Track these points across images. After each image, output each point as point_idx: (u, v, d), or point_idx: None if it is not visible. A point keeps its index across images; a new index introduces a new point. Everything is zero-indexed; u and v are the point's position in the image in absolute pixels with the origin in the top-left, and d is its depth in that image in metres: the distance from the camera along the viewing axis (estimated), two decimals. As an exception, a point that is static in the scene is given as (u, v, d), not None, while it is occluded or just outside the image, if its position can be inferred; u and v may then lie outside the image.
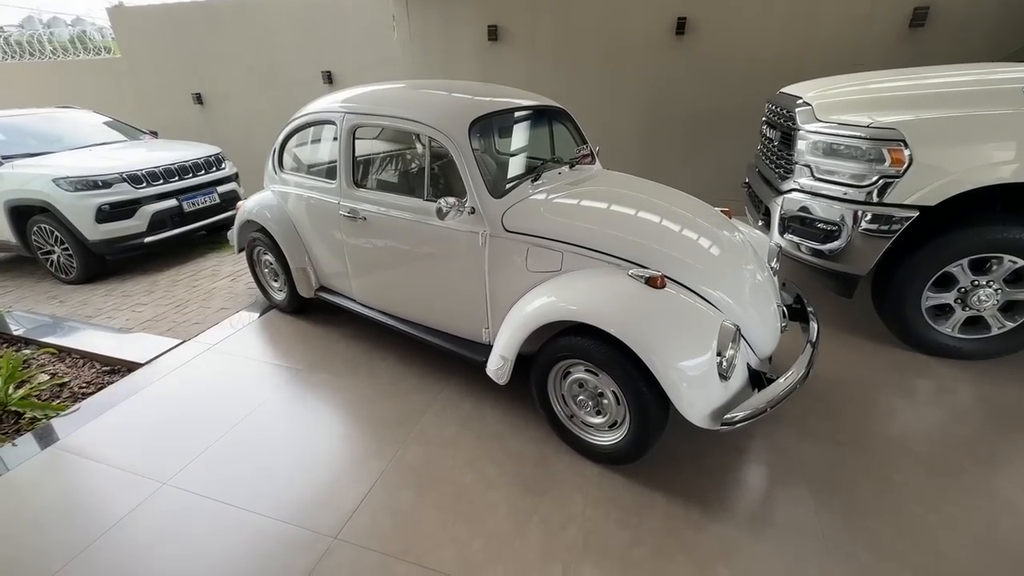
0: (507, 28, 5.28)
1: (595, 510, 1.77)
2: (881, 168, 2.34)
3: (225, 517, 1.81)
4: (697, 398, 1.63)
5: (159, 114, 7.36)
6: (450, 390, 2.47)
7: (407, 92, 2.64)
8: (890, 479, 1.85)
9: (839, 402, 2.28)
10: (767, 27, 4.47)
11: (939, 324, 2.54)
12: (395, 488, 1.90)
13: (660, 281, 1.74)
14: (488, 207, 2.08)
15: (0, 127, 4.72)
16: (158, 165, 4.57)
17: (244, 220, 3.17)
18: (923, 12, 4.05)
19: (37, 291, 4.39)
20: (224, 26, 6.62)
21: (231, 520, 1.80)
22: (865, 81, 2.89)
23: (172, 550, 1.70)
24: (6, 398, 2.45)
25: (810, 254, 2.68)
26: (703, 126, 5.00)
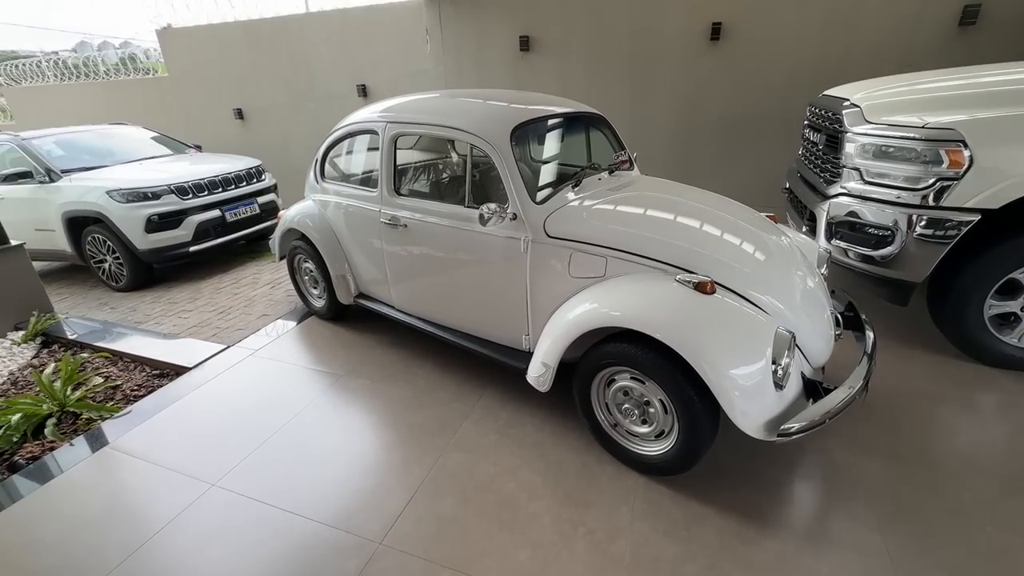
0: (539, 38, 5.32)
1: (643, 523, 1.72)
2: (938, 170, 2.23)
3: (272, 519, 1.83)
4: (751, 407, 1.57)
5: (203, 129, 7.68)
6: (488, 398, 2.46)
7: (446, 101, 2.67)
8: (960, 497, 1.74)
9: (897, 416, 2.17)
10: (805, 31, 4.37)
11: (1004, 334, 2.40)
12: (437, 495, 1.89)
13: (710, 286, 1.70)
14: (530, 213, 2.07)
15: (59, 143, 5.00)
16: (203, 177, 4.75)
17: (286, 228, 3.25)
18: (974, 10, 3.89)
19: (89, 298, 4.59)
20: (264, 44, 6.88)
21: (278, 522, 1.82)
22: (915, 81, 2.79)
23: (222, 551, 1.72)
24: (65, 399, 2.55)
25: (860, 260, 2.57)
26: (739, 131, 4.91)
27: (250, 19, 6.86)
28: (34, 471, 2.18)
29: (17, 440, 2.36)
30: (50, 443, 2.35)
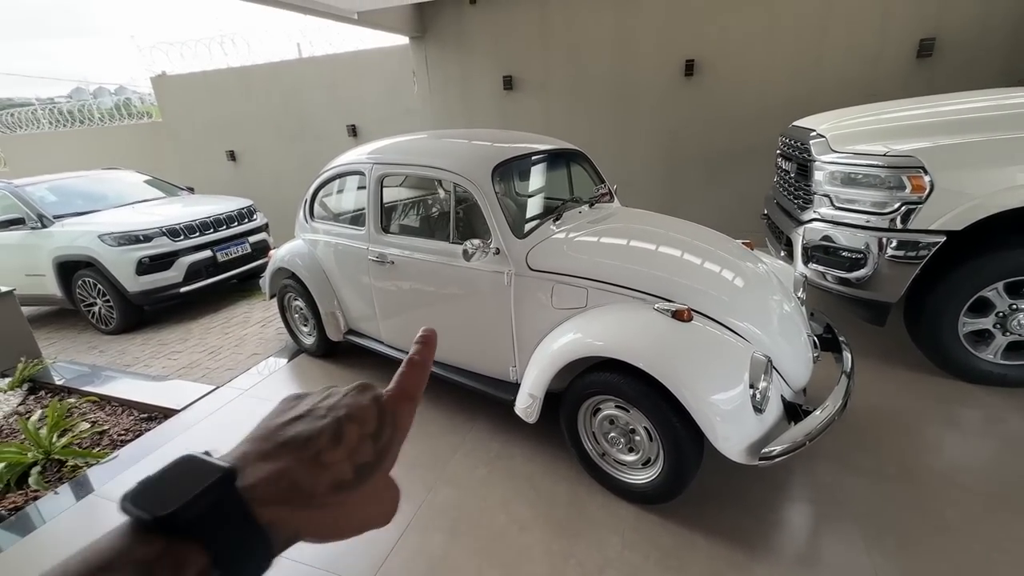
0: (521, 77, 5.54)
1: (633, 552, 1.72)
2: (902, 195, 2.34)
3: (259, 564, 1.80)
4: (732, 432, 1.60)
5: (195, 171, 7.81)
6: (478, 430, 2.47)
7: (431, 142, 2.78)
8: (944, 515, 1.76)
9: (881, 435, 2.20)
10: (774, 65, 4.60)
11: (980, 350, 2.46)
12: (427, 531, 1.88)
13: (687, 314, 1.75)
14: (512, 247, 2.14)
15: (52, 189, 5.07)
16: (194, 219, 4.82)
17: (276, 267, 3.30)
18: (930, 43, 4.13)
19: (78, 342, 4.57)
20: (256, 88, 7.09)
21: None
22: (878, 111, 2.93)
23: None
24: (50, 447, 2.52)
25: (837, 283, 2.65)
26: (718, 161, 5.08)
27: (243, 66, 7.09)
28: (16, 522, 2.14)
29: (0, 490, 2.32)
30: (34, 492, 2.31)
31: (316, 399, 0.37)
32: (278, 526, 0.30)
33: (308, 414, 0.35)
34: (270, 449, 0.32)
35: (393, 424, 0.37)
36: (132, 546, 0.26)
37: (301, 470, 0.32)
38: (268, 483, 0.30)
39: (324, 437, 0.33)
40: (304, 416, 0.35)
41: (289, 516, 0.31)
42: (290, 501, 0.31)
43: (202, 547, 0.27)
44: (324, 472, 0.32)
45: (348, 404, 0.36)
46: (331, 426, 0.34)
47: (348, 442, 0.34)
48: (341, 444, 0.33)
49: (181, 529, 0.27)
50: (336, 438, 0.34)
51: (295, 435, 0.33)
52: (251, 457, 0.32)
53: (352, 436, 0.34)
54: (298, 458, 0.32)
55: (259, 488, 0.30)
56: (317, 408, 0.35)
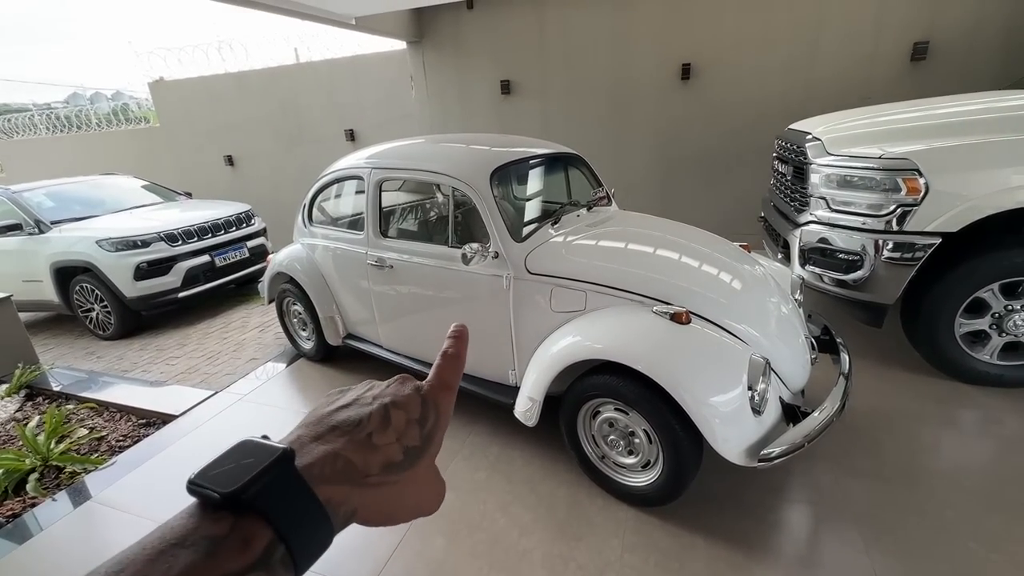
0: (519, 82, 5.57)
1: (633, 555, 1.72)
2: (898, 197, 2.36)
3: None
4: (731, 434, 1.61)
5: (194, 176, 7.81)
6: (477, 434, 2.47)
7: (429, 146, 2.79)
8: (943, 515, 1.77)
9: (880, 436, 2.21)
10: (770, 69, 4.63)
11: (976, 351, 2.47)
12: (428, 535, 1.88)
13: (685, 317, 1.76)
14: (511, 251, 2.15)
15: (50, 195, 5.06)
16: (192, 224, 4.82)
17: (275, 272, 3.30)
18: (923, 47, 4.17)
19: (76, 348, 4.56)
20: (254, 93, 7.10)
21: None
22: (873, 114, 2.96)
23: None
24: (48, 453, 2.51)
25: (834, 284, 2.67)
26: (715, 164, 5.10)
27: (240, 71, 7.10)
28: (13, 530, 2.13)
29: (-3, 497, 2.31)
30: (32, 499, 2.30)
31: (360, 390, 0.39)
32: (336, 503, 0.32)
33: (355, 402, 0.37)
34: (323, 432, 0.34)
35: (436, 411, 0.39)
36: (202, 523, 0.28)
37: (354, 450, 0.34)
38: (324, 462, 0.32)
39: (374, 421, 0.35)
40: (351, 404, 0.37)
41: (347, 494, 0.32)
42: (346, 479, 0.33)
43: (267, 523, 0.28)
44: (376, 452, 0.34)
45: (392, 392, 0.38)
46: (379, 411, 0.36)
47: (396, 426, 0.36)
48: (390, 427, 0.36)
49: (246, 506, 0.28)
50: (385, 422, 0.36)
51: (346, 419, 0.35)
52: (306, 439, 0.34)
53: (400, 420, 0.36)
54: (351, 439, 0.34)
55: (316, 467, 0.32)
56: (363, 397, 0.38)
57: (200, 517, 0.28)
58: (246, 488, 0.28)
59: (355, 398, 0.38)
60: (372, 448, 0.34)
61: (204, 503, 0.29)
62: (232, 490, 0.28)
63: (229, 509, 0.28)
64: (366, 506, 0.34)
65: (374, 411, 0.36)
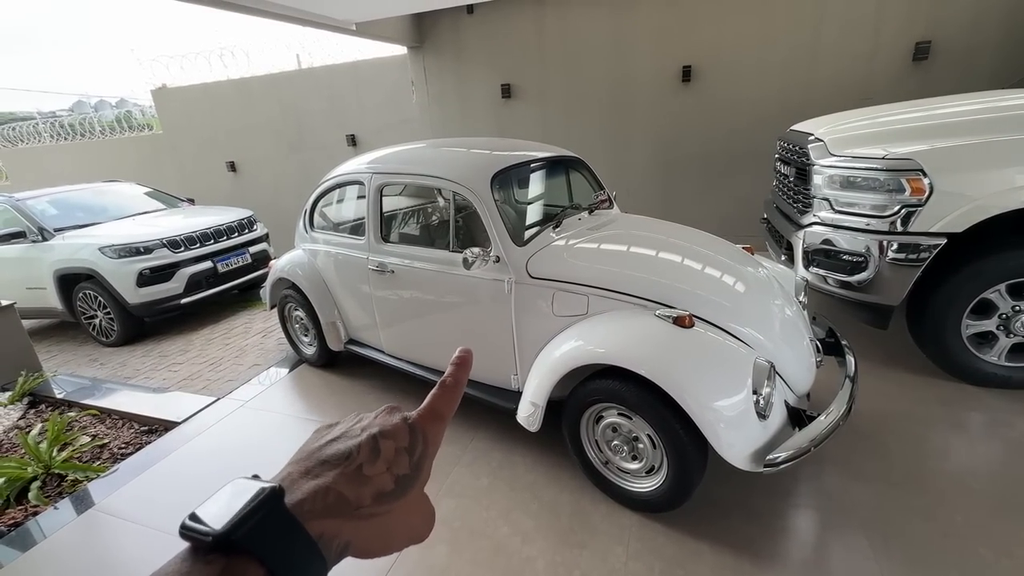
0: (519, 86, 5.57)
1: (638, 563, 1.70)
2: (902, 198, 2.34)
3: (260, 578, 1.79)
4: (736, 439, 1.59)
5: (196, 182, 7.84)
6: (480, 439, 2.45)
7: (430, 151, 2.78)
8: (952, 520, 1.74)
9: (887, 439, 2.18)
10: (771, 69, 4.62)
11: (984, 352, 2.45)
12: (429, 543, 1.86)
13: (688, 320, 1.74)
14: (512, 255, 2.14)
15: (53, 202, 5.09)
16: (194, 230, 4.83)
17: (276, 278, 3.29)
18: (925, 46, 4.15)
19: (79, 354, 4.57)
20: (256, 99, 7.13)
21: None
22: (875, 115, 2.94)
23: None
24: (50, 461, 2.51)
25: (838, 286, 2.64)
26: (716, 166, 5.09)
27: (242, 77, 7.13)
28: (15, 538, 2.12)
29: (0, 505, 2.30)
30: (34, 507, 2.30)
31: (349, 423, 0.39)
32: (329, 538, 0.32)
33: (343, 435, 0.37)
34: (313, 467, 0.34)
35: (424, 440, 0.39)
36: (194, 567, 0.28)
37: (345, 483, 0.34)
38: (315, 498, 0.32)
39: (363, 452, 0.35)
40: (339, 437, 0.37)
41: (339, 527, 0.33)
42: (338, 512, 0.33)
43: (259, 562, 0.28)
44: (367, 484, 0.34)
45: (380, 423, 0.38)
46: (368, 442, 0.36)
47: (386, 455, 0.36)
48: (379, 457, 0.36)
49: (238, 547, 0.28)
50: (374, 452, 0.36)
51: (335, 452, 0.35)
52: (296, 476, 0.34)
53: (389, 450, 0.36)
54: (342, 472, 0.34)
55: (307, 502, 0.32)
56: (351, 429, 0.38)
57: (192, 561, 0.28)
58: (236, 528, 0.28)
59: (344, 431, 0.38)
60: (363, 479, 0.34)
61: (196, 546, 0.29)
62: (222, 531, 0.28)
63: (221, 551, 0.28)
64: (360, 538, 0.34)
65: (363, 442, 0.36)
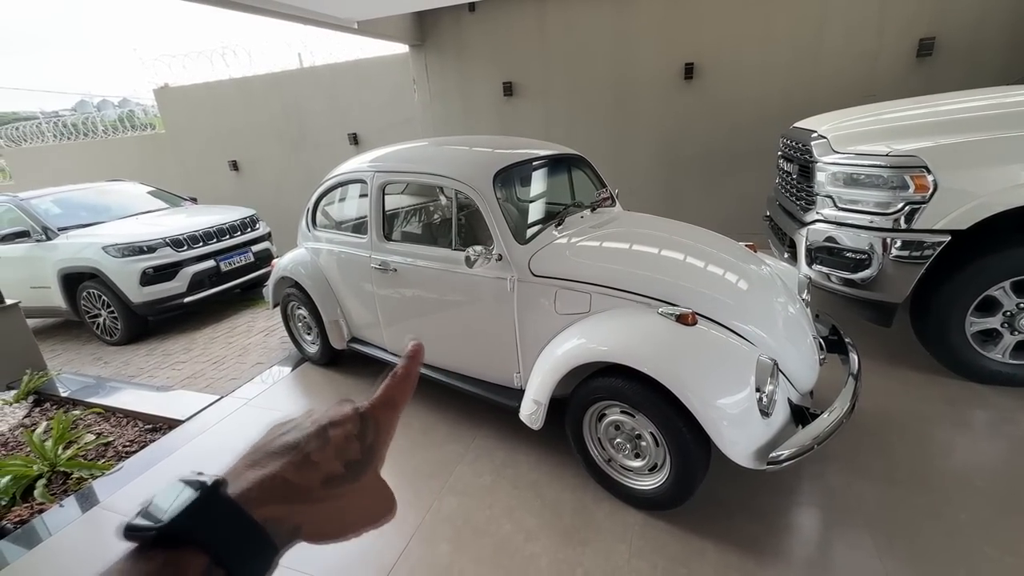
0: (521, 83, 5.56)
1: (641, 561, 1.70)
2: (905, 195, 2.33)
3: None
4: (739, 436, 1.59)
5: (199, 181, 7.86)
6: (483, 438, 2.45)
7: (432, 149, 2.78)
8: (957, 519, 1.74)
9: (891, 437, 2.18)
10: (773, 67, 4.60)
11: (988, 350, 2.44)
12: (432, 541, 1.87)
13: (691, 318, 1.74)
14: (515, 253, 2.13)
15: (57, 202, 5.11)
16: (197, 229, 4.84)
17: (279, 276, 3.30)
18: (929, 43, 4.12)
19: (83, 353, 4.59)
20: (258, 98, 7.14)
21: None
22: (878, 111, 2.93)
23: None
24: (55, 459, 2.52)
25: (841, 284, 2.64)
26: (719, 163, 5.08)
27: (244, 76, 7.14)
28: (22, 535, 2.13)
29: (6, 503, 2.32)
30: (39, 505, 2.31)
31: (300, 419, 0.40)
32: (276, 522, 0.32)
33: (293, 429, 0.38)
34: (259, 459, 0.35)
35: (375, 428, 0.39)
36: (136, 564, 0.28)
37: (292, 470, 0.34)
38: (261, 485, 0.33)
39: (311, 440, 0.36)
40: (289, 431, 0.38)
41: (287, 512, 0.33)
42: (285, 498, 0.33)
43: (203, 551, 0.29)
44: (315, 469, 0.35)
45: (330, 414, 0.39)
46: (316, 431, 0.37)
47: (335, 442, 0.37)
48: (328, 444, 0.36)
49: (180, 540, 0.29)
50: (323, 440, 0.36)
51: (283, 444, 0.36)
52: (240, 469, 0.34)
53: (338, 437, 0.37)
54: (289, 461, 0.35)
55: (253, 490, 0.32)
56: (301, 423, 0.39)
57: (133, 560, 0.28)
58: (176, 521, 0.29)
59: (294, 425, 0.38)
60: (311, 465, 0.35)
61: (140, 545, 0.29)
62: (162, 525, 0.28)
63: (163, 546, 0.28)
64: (310, 521, 0.34)
65: (311, 433, 0.37)
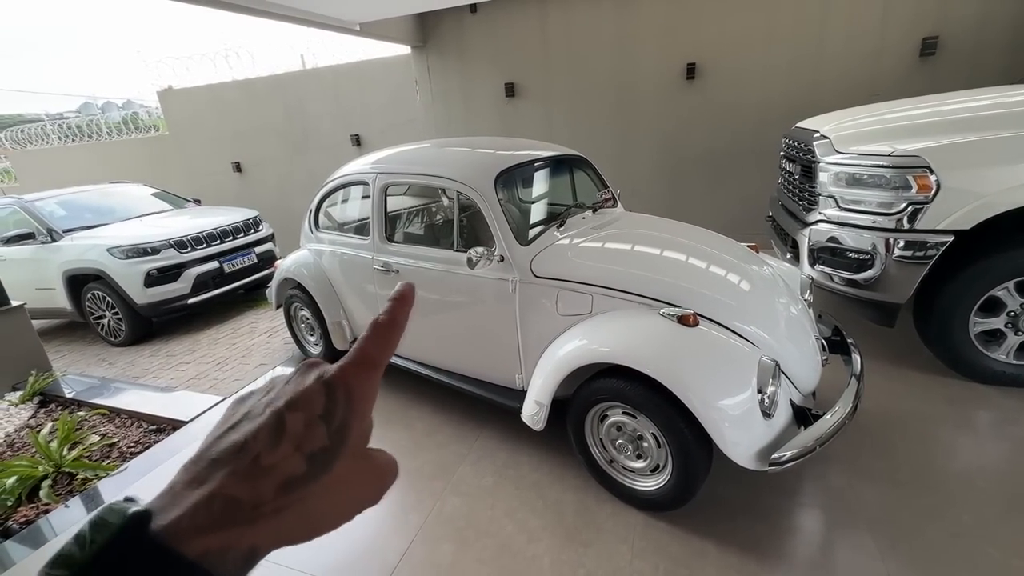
0: (523, 84, 5.57)
1: (643, 561, 1.70)
2: (908, 195, 2.32)
3: (270, 574, 1.81)
4: (741, 438, 1.59)
5: (202, 183, 7.89)
6: (485, 439, 2.46)
7: (434, 151, 2.79)
8: (959, 520, 1.73)
9: (893, 438, 2.17)
10: (776, 66, 4.59)
11: (991, 350, 2.43)
12: (435, 542, 1.87)
13: (692, 319, 1.74)
14: (516, 254, 2.14)
15: (62, 204, 5.14)
16: (201, 230, 4.86)
17: (282, 278, 3.31)
18: (932, 42, 4.11)
19: (88, 354, 4.61)
20: (261, 100, 7.16)
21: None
22: (881, 111, 2.92)
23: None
24: (61, 460, 2.54)
25: (844, 284, 2.63)
26: (721, 163, 5.07)
27: (247, 78, 7.17)
28: (27, 535, 2.15)
29: (11, 504, 2.33)
30: (45, 506, 2.32)
31: (257, 397, 0.34)
32: (220, 552, 0.27)
33: (245, 417, 0.32)
34: (200, 471, 0.30)
35: (347, 397, 0.33)
36: None
37: (237, 483, 0.29)
38: (197, 512, 0.28)
39: (260, 438, 0.30)
40: (240, 422, 0.32)
41: (235, 537, 0.28)
42: (229, 522, 0.28)
43: None
44: (266, 476, 0.29)
45: (289, 392, 0.33)
46: (269, 423, 0.31)
47: (292, 434, 0.31)
48: (284, 438, 0.30)
49: None
50: (276, 434, 0.31)
51: (228, 446, 0.30)
52: (178, 488, 0.29)
53: (296, 425, 0.31)
54: (232, 471, 0.29)
55: (186, 519, 0.27)
56: (255, 408, 0.33)
57: None
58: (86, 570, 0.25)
59: (247, 410, 0.33)
60: (260, 473, 0.29)
61: None
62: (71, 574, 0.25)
63: None
64: (269, 538, 0.29)
65: (262, 425, 0.31)
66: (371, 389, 0.34)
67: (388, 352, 0.35)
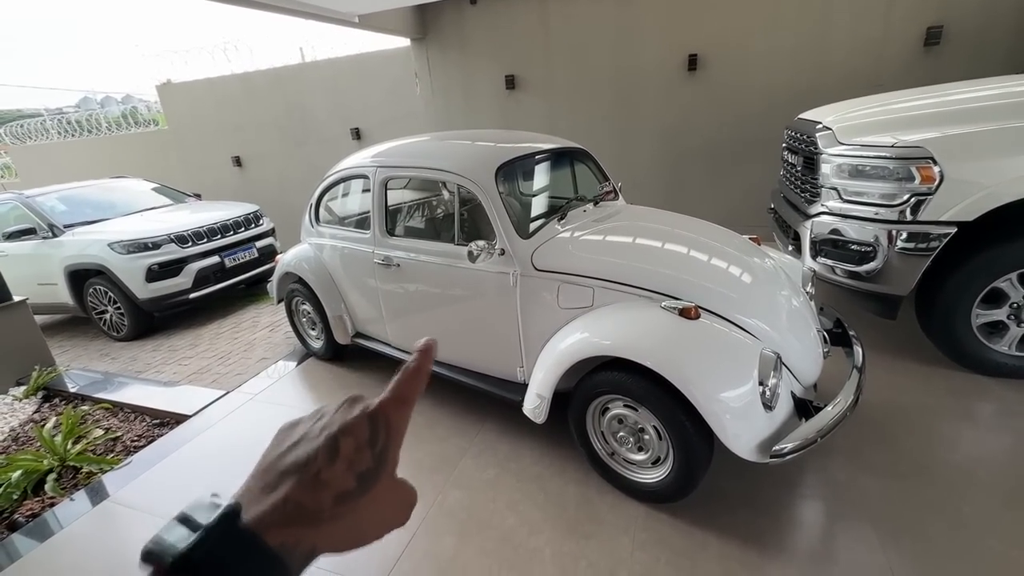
0: (524, 77, 5.53)
1: (644, 553, 1.71)
2: (911, 186, 2.31)
3: (271, 568, 1.82)
4: (742, 430, 1.59)
5: (202, 177, 7.88)
6: (487, 431, 2.46)
7: (434, 144, 2.78)
8: (960, 512, 1.73)
9: (895, 430, 2.17)
10: (778, 57, 4.56)
11: (994, 342, 2.42)
12: (437, 534, 1.88)
13: (694, 312, 1.74)
14: (517, 248, 2.13)
15: (62, 199, 5.14)
16: (202, 225, 4.87)
17: (283, 272, 3.31)
18: (937, 31, 4.07)
19: (91, 349, 4.63)
20: (260, 94, 7.14)
21: (277, 571, 1.80)
22: (884, 102, 2.90)
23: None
24: (65, 454, 2.56)
25: (846, 276, 2.62)
26: (723, 156, 5.04)
27: (246, 72, 7.14)
28: (34, 528, 2.17)
29: (17, 497, 2.35)
30: (50, 499, 2.34)
31: (309, 424, 0.39)
32: (291, 546, 0.33)
33: (303, 439, 0.37)
34: (272, 480, 0.35)
35: (386, 428, 0.39)
36: None
37: (303, 492, 0.34)
38: (275, 510, 0.33)
39: (321, 457, 0.36)
40: (299, 442, 0.37)
41: (302, 534, 0.34)
42: (297, 521, 0.33)
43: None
44: (326, 489, 0.35)
45: (340, 420, 0.38)
46: (326, 444, 0.36)
47: (345, 455, 0.36)
48: (338, 459, 0.36)
49: (197, 569, 0.29)
50: (332, 454, 0.36)
51: (294, 461, 0.36)
52: (255, 491, 0.35)
53: (348, 448, 0.36)
54: (299, 482, 0.35)
55: (266, 516, 0.33)
56: (311, 431, 0.38)
57: None
58: (194, 549, 0.30)
59: (303, 434, 0.38)
60: (321, 485, 0.35)
61: (157, 569, 0.30)
62: (180, 553, 0.29)
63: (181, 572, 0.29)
64: (325, 540, 0.35)
65: (321, 445, 0.36)
66: (404, 422, 0.40)
67: (417, 392, 0.42)
